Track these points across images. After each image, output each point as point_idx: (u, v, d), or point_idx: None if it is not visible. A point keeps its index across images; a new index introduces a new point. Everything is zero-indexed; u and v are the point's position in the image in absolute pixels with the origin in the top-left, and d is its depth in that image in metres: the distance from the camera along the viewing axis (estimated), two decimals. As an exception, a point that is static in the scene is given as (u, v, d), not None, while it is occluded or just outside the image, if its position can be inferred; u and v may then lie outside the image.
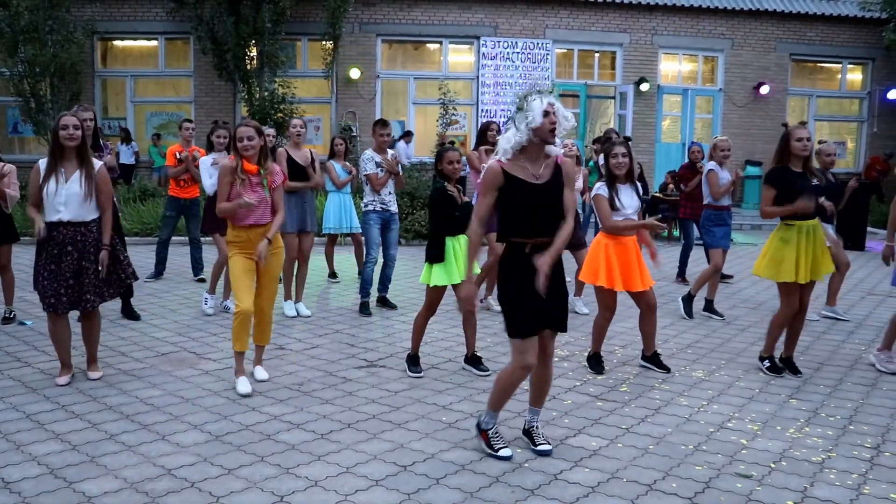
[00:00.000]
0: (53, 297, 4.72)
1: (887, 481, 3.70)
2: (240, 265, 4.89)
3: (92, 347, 5.08)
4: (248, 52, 14.10)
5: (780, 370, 5.36)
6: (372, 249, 6.96)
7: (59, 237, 4.72)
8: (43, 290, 4.76)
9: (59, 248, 4.73)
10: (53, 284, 4.71)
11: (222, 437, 4.07)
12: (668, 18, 16.33)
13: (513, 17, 15.86)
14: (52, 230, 4.73)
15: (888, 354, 5.48)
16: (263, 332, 5.11)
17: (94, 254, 4.80)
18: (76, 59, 13.96)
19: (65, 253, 4.72)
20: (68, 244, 4.73)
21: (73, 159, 4.74)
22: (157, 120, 15.82)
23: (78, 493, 3.40)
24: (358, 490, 3.50)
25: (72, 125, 4.67)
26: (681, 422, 4.46)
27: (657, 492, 3.55)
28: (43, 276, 4.75)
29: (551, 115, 3.64)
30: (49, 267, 4.73)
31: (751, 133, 16.61)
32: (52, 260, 4.73)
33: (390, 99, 16.21)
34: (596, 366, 5.39)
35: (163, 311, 6.94)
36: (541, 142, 3.68)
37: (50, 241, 4.73)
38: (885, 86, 16.96)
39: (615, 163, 5.26)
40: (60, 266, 4.72)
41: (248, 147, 4.84)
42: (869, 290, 8.78)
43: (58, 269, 4.72)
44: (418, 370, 5.26)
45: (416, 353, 5.33)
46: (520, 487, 3.56)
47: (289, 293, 6.95)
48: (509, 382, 3.81)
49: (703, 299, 7.34)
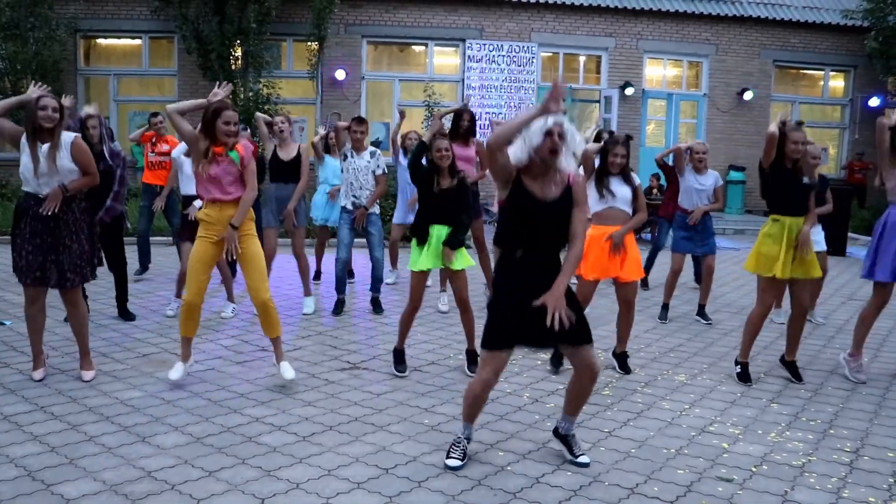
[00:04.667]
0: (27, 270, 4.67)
1: (866, 485, 3.73)
2: (200, 252, 4.79)
3: (82, 340, 4.99)
4: (232, 52, 14.03)
5: (749, 379, 5.35)
6: (340, 249, 6.98)
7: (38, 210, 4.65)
8: (22, 263, 4.70)
9: (42, 224, 4.68)
10: (32, 258, 4.66)
11: (203, 439, 4.04)
12: (653, 23, 16.42)
13: (499, 20, 15.88)
14: (32, 202, 4.67)
15: (858, 362, 5.50)
16: (270, 324, 4.92)
17: (76, 231, 4.77)
18: (58, 56, 13.84)
19: (47, 228, 4.68)
20: (50, 220, 4.68)
21: (50, 138, 4.67)
22: (140, 119, 15.66)
23: (56, 495, 3.36)
24: (339, 493, 3.48)
25: (51, 106, 4.62)
26: (663, 426, 4.48)
27: (639, 495, 3.56)
28: (26, 249, 4.68)
29: (553, 137, 3.49)
30: (34, 241, 4.67)
31: (734, 138, 16.74)
32: (35, 233, 4.67)
33: (375, 100, 16.19)
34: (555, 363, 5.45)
35: (145, 312, 6.89)
36: (541, 161, 3.56)
37: (32, 215, 4.67)
38: (866, 93, 17.15)
39: (613, 160, 5.29)
40: (44, 239, 4.68)
41: (231, 132, 4.70)
42: (849, 295, 8.86)
43: (41, 243, 4.67)
44: (403, 369, 5.26)
45: (402, 347, 5.33)
46: (502, 490, 3.56)
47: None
48: (472, 394, 3.73)
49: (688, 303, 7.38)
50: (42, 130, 4.64)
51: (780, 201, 5.27)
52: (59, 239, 4.73)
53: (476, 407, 3.80)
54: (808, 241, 5.18)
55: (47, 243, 4.70)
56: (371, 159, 6.89)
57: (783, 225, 5.22)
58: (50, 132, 4.66)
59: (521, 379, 5.25)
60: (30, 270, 4.70)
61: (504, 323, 3.60)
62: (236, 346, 5.91)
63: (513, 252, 3.63)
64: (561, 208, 3.59)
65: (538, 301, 3.50)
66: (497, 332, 3.61)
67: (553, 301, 3.48)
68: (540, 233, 3.59)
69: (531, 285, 3.57)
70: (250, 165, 4.84)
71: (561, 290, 3.52)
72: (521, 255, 3.61)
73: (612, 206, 5.33)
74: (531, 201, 3.56)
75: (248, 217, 4.87)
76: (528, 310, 3.53)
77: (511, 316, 3.58)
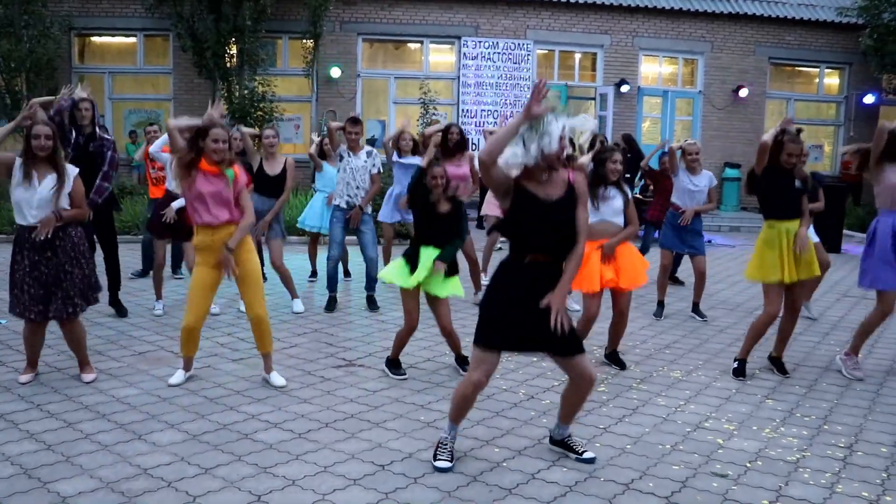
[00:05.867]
0: (30, 305, 4.63)
1: (860, 480, 3.75)
2: (199, 278, 4.77)
3: (80, 352, 4.96)
4: (228, 50, 14.01)
5: (744, 374, 5.38)
6: (332, 248, 7.00)
7: (37, 242, 4.60)
8: (24, 298, 4.64)
9: (39, 254, 4.64)
10: (34, 291, 4.61)
11: (199, 437, 4.05)
12: (648, 21, 16.43)
13: (494, 17, 15.88)
14: (28, 234, 4.62)
15: (854, 361, 5.52)
16: (263, 339, 4.93)
17: (75, 258, 4.73)
18: (52, 54, 13.78)
19: (44, 259, 4.64)
20: (48, 249, 4.64)
21: (46, 165, 4.64)
22: (136, 118, 15.66)
23: (52, 493, 3.36)
24: (335, 489, 3.49)
25: (43, 135, 4.57)
26: (658, 422, 4.50)
27: (634, 491, 3.57)
28: (27, 283, 4.62)
29: (564, 141, 3.47)
30: (33, 274, 4.62)
31: (730, 136, 16.77)
32: (34, 265, 4.62)
33: (371, 98, 16.18)
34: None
35: (140, 310, 6.88)
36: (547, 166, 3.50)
37: (28, 245, 4.63)
38: (861, 90, 17.18)
39: (612, 168, 5.27)
40: (41, 272, 4.63)
41: (219, 150, 4.63)
42: (844, 292, 8.89)
43: (40, 275, 4.63)
44: (401, 373, 5.23)
45: (396, 358, 5.30)
46: (497, 486, 3.57)
47: None
48: (461, 394, 3.71)
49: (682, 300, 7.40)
50: (36, 159, 4.60)
51: (774, 206, 5.28)
52: (59, 267, 4.67)
53: (464, 408, 3.78)
54: (805, 241, 5.20)
55: (47, 274, 4.65)
56: (368, 159, 6.89)
57: (778, 230, 5.24)
58: (46, 161, 4.62)
59: (516, 376, 5.26)
60: (33, 305, 4.63)
61: (499, 322, 3.57)
62: (232, 343, 5.91)
63: (521, 257, 3.57)
64: (566, 207, 3.54)
65: (543, 301, 3.49)
66: (492, 331, 3.59)
67: (557, 303, 3.48)
68: (549, 235, 3.51)
69: (531, 290, 3.54)
70: (244, 191, 4.83)
71: (565, 290, 3.53)
72: (529, 260, 3.55)
73: (602, 219, 5.30)
74: (535, 204, 3.49)
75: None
76: (524, 314, 3.53)
77: (506, 317, 3.55)
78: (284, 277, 7.04)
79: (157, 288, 6.85)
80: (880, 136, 5.28)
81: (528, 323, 3.54)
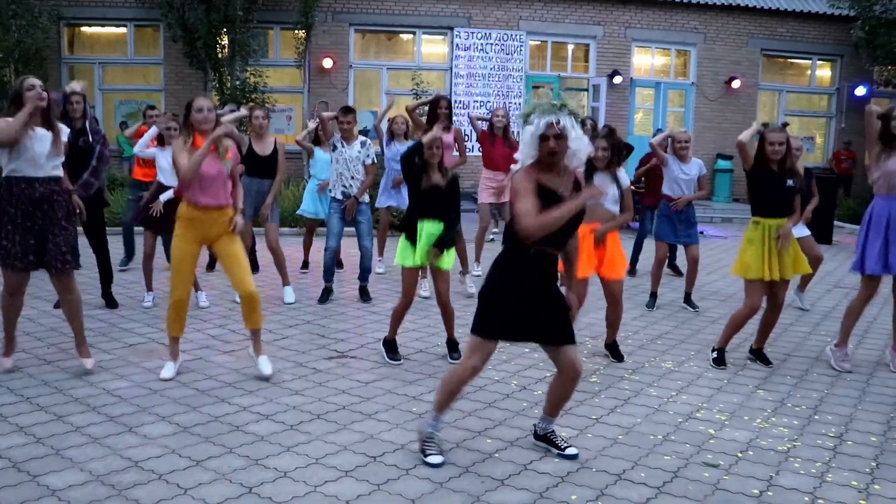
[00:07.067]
0: (21, 255, 4.60)
1: (849, 469, 3.77)
2: (181, 250, 4.78)
3: (77, 327, 4.90)
4: (219, 41, 13.94)
5: (724, 363, 5.41)
6: (330, 238, 7.00)
7: (33, 193, 4.59)
8: (16, 249, 4.60)
9: (34, 205, 4.61)
10: (25, 242, 4.59)
11: (190, 429, 4.03)
12: (641, 12, 16.42)
13: (486, 8, 15.84)
14: (22, 186, 4.59)
15: (844, 352, 5.53)
16: (252, 314, 4.86)
17: (69, 216, 4.76)
18: (41, 44, 13.65)
19: (40, 210, 4.63)
20: (44, 202, 4.63)
21: (40, 121, 4.62)
22: (126, 108, 15.56)
23: (42, 486, 3.34)
24: (327, 481, 3.48)
25: (38, 85, 4.57)
26: (650, 412, 4.50)
27: (626, 481, 3.58)
28: (19, 233, 4.59)
29: (549, 142, 3.43)
30: (26, 224, 4.59)
31: (722, 127, 16.78)
32: (28, 216, 4.59)
33: (363, 89, 16.13)
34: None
35: (131, 302, 6.85)
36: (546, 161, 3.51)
37: (22, 197, 4.59)
38: (852, 82, 17.22)
39: (595, 154, 5.25)
40: (34, 222, 4.61)
41: (206, 119, 4.69)
42: (835, 282, 8.92)
43: (33, 226, 4.61)
44: (397, 358, 5.27)
45: (393, 338, 5.34)
46: (489, 477, 3.57)
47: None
48: (457, 379, 3.67)
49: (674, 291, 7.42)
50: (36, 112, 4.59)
51: (762, 203, 5.28)
52: (55, 221, 4.67)
53: (453, 393, 3.72)
54: (787, 237, 5.19)
55: (41, 226, 4.63)
56: (362, 149, 6.88)
57: (763, 228, 5.24)
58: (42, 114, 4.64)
59: (508, 367, 5.26)
60: (25, 254, 4.61)
61: (502, 313, 3.58)
62: (223, 335, 5.89)
63: (527, 248, 3.53)
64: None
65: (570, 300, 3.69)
66: (494, 321, 3.59)
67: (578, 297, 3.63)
68: (562, 229, 3.49)
69: (534, 281, 3.57)
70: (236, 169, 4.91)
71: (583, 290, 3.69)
72: (535, 252, 3.56)
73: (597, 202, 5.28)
74: (556, 198, 3.47)
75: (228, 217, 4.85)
76: (525, 305, 3.56)
77: (509, 308, 3.56)
78: (279, 260, 7.02)
79: (147, 279, 6.81)
80: (870, 118, 5.31)
81: (528, 313, 3.57)
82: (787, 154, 5.19)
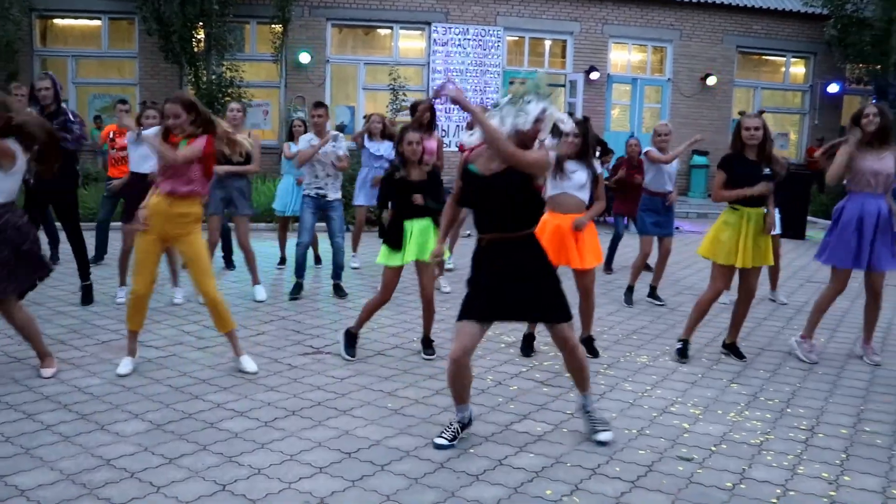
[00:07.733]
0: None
1: (820, 461, 3.81)
2: (145, 244, 4.73)
3: (34, 345, 4.75)
4: (194, 35, 13.78)
5: (687, 356, 5.46)
6: (302, 234, 6.99)
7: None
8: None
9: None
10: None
11: (164, 426, 3.99)
12: (618, 8, 16.48)
13: (464, 3, 15.81)
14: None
15: (810, 345, 5.60)
16: (221, 318, 4.84)
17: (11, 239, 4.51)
18: (12, 37, 13.45)
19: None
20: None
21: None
22: (100, 102, 15.37)
23: (10, 486, 3.29)
24: (302, 478, 3.46)
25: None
26: (625, 406, 4.53)
27: (600, 476, 3.59)
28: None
29: (540, 124, 3.59)
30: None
31: (698, 123, 16.86)
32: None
33: (340, 84, 16.04)
34: (525, 349, 5.51)
35: (104, 299, 6.76)
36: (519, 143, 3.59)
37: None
38: (825, 80, 17.42)
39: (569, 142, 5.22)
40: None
41: (176, 126, 4.65)
42: (808, 277, 9.03)
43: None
44: (352, 353, 5.25)
45: (357, 332, 5.32)
46: (465, 473, 3.57)
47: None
48: (453, 364, 3.75)
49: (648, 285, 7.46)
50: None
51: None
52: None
53: (460, 378, 3.79)
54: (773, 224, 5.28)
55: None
56: (335, 143, 6.85)
57: (741, 214, 5.28)
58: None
59: (484, 362, 5.26)
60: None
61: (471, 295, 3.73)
62: (198, 331, 5.84)
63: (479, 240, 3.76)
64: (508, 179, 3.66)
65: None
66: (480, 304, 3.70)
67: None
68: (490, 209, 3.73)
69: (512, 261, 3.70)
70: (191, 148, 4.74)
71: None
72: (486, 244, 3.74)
73: (564, 191, 5.23)
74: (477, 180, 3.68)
75: (192, 218, 4.77)
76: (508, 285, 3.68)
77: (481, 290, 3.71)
78: (249, 258, 6.96)
79: (121, 274, 6.72)
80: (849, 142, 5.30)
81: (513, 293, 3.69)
82: (764, 141, 5.22)
